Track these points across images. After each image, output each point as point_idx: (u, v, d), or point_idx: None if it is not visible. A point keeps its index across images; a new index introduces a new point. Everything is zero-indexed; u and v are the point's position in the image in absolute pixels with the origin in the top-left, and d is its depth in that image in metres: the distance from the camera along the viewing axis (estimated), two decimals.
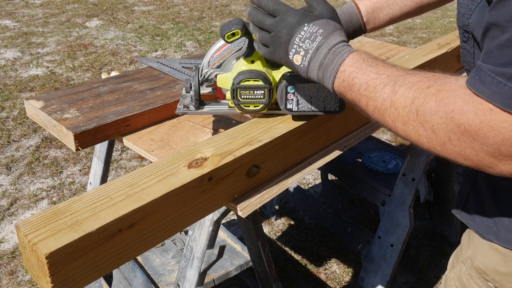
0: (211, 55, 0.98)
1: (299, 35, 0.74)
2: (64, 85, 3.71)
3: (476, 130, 0.56)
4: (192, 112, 0.99)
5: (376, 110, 0.67)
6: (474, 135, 0.57)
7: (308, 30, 0.74)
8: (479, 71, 0.57)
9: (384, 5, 1.00)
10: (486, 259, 0.81)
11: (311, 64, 0.73)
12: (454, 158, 0.61)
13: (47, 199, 2.45)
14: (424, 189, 1.77)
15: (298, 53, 0.74)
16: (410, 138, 0.64)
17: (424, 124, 0.61)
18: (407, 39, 5.14)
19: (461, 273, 0.87)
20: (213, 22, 5.57)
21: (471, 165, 0.60)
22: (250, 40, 0.92)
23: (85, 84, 1.27)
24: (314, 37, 0.73)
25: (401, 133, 0.65)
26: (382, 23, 1.01)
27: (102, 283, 1.74)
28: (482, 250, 0.82)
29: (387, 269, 1.83)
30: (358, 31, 1.00)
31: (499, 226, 0.77)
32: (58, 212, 0.67)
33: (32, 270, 0.65)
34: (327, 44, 0.72)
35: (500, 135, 0.55)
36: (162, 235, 0.75)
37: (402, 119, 0.63)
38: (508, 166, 0.57)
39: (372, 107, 0.67)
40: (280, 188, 0.94)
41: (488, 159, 0.57)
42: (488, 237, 0.80)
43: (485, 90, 0.55)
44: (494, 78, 0.55)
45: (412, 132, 0.63)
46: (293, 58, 0.75)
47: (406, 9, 1.00)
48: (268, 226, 2.32)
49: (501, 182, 0.77)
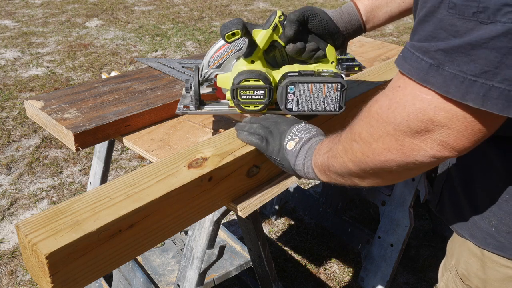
0: (211, 55, 0.98)
1: (297, 127, 0.86)
2: (64, 85, 3.71)
3: (386, 111, 0.58)
4: (192, 112, 0.99)
5: (333, 158, 0.74)
6: (385, 118, 0.58)
7: (304, 126, 0.86)
8: (404, 49, 0.58)
9: (382, 3, 1.00)
10: (468, 265, 0.80)
11: (302, 149, 0.82)
12: (384, 156, 0.62)
13: (47, 199, 2.45)
14: (424, 189, 1.77)
15: (293, 139, 0.84)
16: (359, 167, 0.68)
17: (356, 138, 0.66)
18: (407, 39, 5.13)
19: (448, 281, 0.87)
20: (213, 22, 5.57)
21: (400, 157, 0.60)
22: (250, 40, 0.92)
23: (85, 84, 1.27)
24: (309, 130, 0.85)
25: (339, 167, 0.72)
26: (381, 21, 1.01)
27: (102, 283, 1.74)
28: (463, 256, 0.81)
29: (387, 269, 1.83)
30: (358, 31, 1.00)
31: (472, 224, 0.77)
32: (58, 212, 0.67)
33: (32, 270, 0.65)
34: (316, 138, 0.83)
35: (405, 109, 0.56)
36: (162, 235, 0.75)
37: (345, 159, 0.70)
38: (431, 145, 0.56)
39: (331, 156, 0.75)
40: (280, 188, 0.94)
41: (407, 139, 0.58)
42: (462, 233, 0.79)
43: (405, 65, 0.56)
44: (413, 54, 0.56)
45: (351, 166, 0.69)
46: (287, 143, 0.84)
47: (405, 6, 1.00)
48: (268, 226, 2.32)
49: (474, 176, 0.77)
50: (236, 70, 0.94)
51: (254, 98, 0.93)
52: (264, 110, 0.95)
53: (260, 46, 0.93)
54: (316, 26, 0.93)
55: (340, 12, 0.98)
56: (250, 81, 0.91)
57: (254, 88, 0.92)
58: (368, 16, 1.00)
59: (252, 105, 0.94)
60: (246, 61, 0.94)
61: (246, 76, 0.91)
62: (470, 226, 0.77)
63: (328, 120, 1.04)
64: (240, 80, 0.91)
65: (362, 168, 0.67)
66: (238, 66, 0.95)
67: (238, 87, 0.92)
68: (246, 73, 0.92)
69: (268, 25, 0.92)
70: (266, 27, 0.92)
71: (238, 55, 0.95)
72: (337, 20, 0.96)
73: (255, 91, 0.92)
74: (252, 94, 0.92)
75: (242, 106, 0.94)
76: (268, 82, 0.92)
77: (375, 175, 0.67)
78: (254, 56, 0.93)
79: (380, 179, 0.68)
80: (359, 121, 0.66)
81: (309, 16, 0.92)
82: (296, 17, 0.90)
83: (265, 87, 0.92)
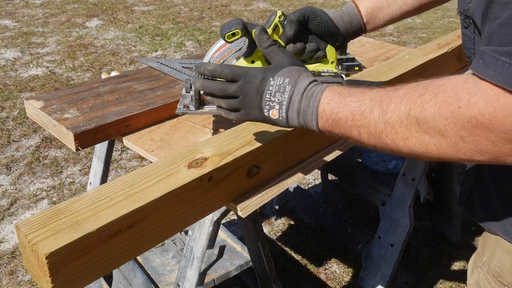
0: (211, 55, 0.98)
1: (268, 91, 0.73)
2: (64, 85, 3.71)
3: (491, 118, 0.54)
4: (192, 112, 0.99)
5: (371, 136, 0.65)
6: (489, 124, 0.54)
7: (275, 84, 0.73)
8: (483, 55, 0.55)
9: (384, 4, 0.99)
10: (501, 262, 0.80)
11: (289, 114, 0.72)
12: (470, 156, 0.58)
13: (47, 199, 2.45)
14: (424, 189, 1.77)
15: (273, 107, 0.73)
16: (415, 152, 0.62)
17: (430, 131, 0.59)
18: (407, 39, 5.14)
19: (479, 278, 0.87)
20: (213, 22, 5.57)
21: (488, 159, 0.58)
22: (250, 40, 0.92)
23: (85, 84, 1.27)
24: (283, 89, 0.72)
25: (405, 150, 0.63)
26: (382, 22, 1.01)
27: (102, 283, 1.74)
28: (496, 253, 0.81)
29: (387, 269, 1.83)
30: (358, 32, 1.00)
31: (505, 221, 0.76)
32: (58, 212, 0.67)
33: (32, 270, 0.65)
34: (298, 90, 0.72)
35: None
36: (162, 235, 0.75)
37: (402, 135, 0.62)
38: None
39: (366, 134, 0.66)
40: (280, 188, 0.94)
41: (508, 146, 0.55)
42: (495, 231, 0.79)
43: (490, 72, 0.53)
44: (498, 59, 0.53)
45: (417, 144, 0.61)
46: (270, 113, 0.73)
47: (407, 8, 1.00)
48: (268, 226, 2.32)
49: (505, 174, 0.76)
50: None
51: None
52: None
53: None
54: (316, 27, 0.93)
55: (340, 12, 0.98)
56: None
57: None
58: (369, 18, 1.00)
59: None
60: (247, 61, 0.94)
61: None
62: (503, 223, 0.77)
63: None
64: None
65: (424, 155, 0.62)
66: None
67: None
68: None
69: (268, 25, 0.92)
70: (266, 27, 0.92)
71: (238, 55, 0.95)
72: (338, 20, 0.96)
73: None
74: None
75: None
76: None
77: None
78: (254, 56, 0.93)
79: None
80: (439, 117, 0.58)
81: (309, 16, 0.91)
82: (296, 18, 0.90)
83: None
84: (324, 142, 1.07)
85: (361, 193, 1.96)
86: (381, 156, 2.06)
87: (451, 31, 5.49)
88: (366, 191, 1.92)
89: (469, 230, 2.31)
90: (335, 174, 2.15)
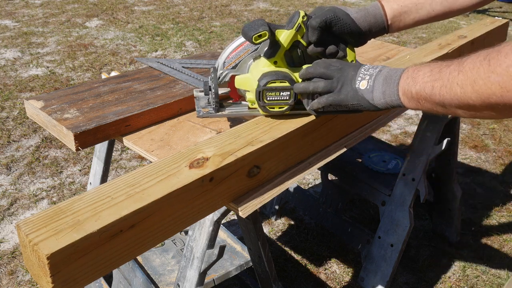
0: (227, 56, 0.97)
1: (364, 68, 0.87)
2: (64, 85, 3.71)
3: None
4: (213, 115, 0.99)
5: (443, 87, 0.70)
6: None
7: (369, 67, 0.87)
8: None
9: (412, 9, 1.00)
10: None
11: (376, 82, 0.84)
12: None
13: (47, 199, 2.45)
14: (424, 189, 1.77)
15: (364, 79, 0.85)
16: (481, 97, 0.64)
17: (497, 69, 0.61)
18: (407, 39, 5.14)
19: None
20: (213, 22, 5.57)
21: None
22: (273, 41, 0.92)
23: (85, 84, 1.27)
24: (375, 67, 0.87)
25: (473, 96, 0.66)
26: (406, 26, 1.02)
27: (102, 283, 1.74)
28: None
29: (387, 269, 1.83)
30: (380, 32, 1.01)
31: None
32: (59, 211, 0.67)
33: (33, 270, 0.65)
34: (387, 68, 0.85)
35: None
36: (162, 235, 0.75)
37: (471, 79, 0.65)
38: None
39: (439, 85, 0.71)
40: (280, 188, 0.94)
41: None
42: None
43: None
44: None
45: (483, 86, 0.63)
46: (360, 84, 0.85)
47: (434, 14, 1.00)
48: (268, 226, 2.32)
49: None
50: (259, 71, 0.94)
51: (280, 100, 0.93)
52: (288, 111, 0.95)
53: (284, 46, 0.93)
54: (339, 30, 0.94)
55: (365, 12, 0.97)
56: (276, 83, 0.91)
57: (280, 89, 0.92)
58: (394, 20, 1.00)
59: (277, 107, 0.94)
60: (269, 61, 0.94)
61: (273, 77, 0.91)
62: None
63: (329, 121, 1.04)
64: (267, 82, 0.91)
65: (487, 102, 0.65)
66: (260, 67, 0.94)
67: (264, 89, 0.92)
68: (272, 75, 0.92)
69: (292, 26, 0.92)
70: (290, 27, 0.92)
71: (254, 55, 0.95)
72: (361, 22, 0.96)
73: (281, 92, 0.92)
74: (278, 96, 0.93)
75: (267, 108, 0.94)
76: (293, 83, 0.92)
77: (499, 110, 0.66)
78: (277, 57, 0.93)
79: (500, 114, 0.67)
80: (507, 55, 0.61)
81: (332, 21, 0.92)
82: (318, 24, 0.91)
83: (290, 88, 0.92)
84: (324, 142, 1.07)
85: (361, 193, 1.96)
86: (381, 156, 2.06)
87: (451, 31, 5.49)
88: (366, 191, 1.92)
89: (469, 230, 2.31)
90: (335, 174, 2.15)
